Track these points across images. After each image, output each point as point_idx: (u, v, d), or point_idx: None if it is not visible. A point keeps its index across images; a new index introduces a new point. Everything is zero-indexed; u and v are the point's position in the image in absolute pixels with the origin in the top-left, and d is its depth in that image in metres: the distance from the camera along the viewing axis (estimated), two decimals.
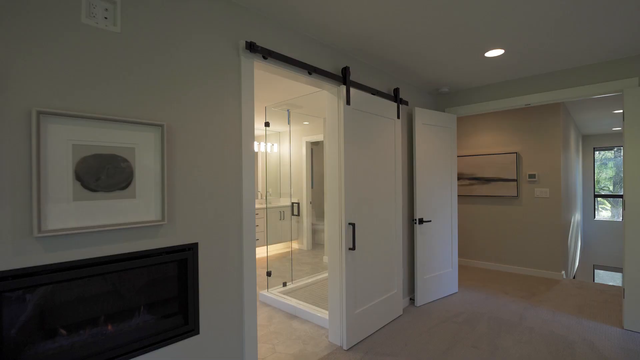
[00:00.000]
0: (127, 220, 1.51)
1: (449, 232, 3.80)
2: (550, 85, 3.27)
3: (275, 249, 6.31)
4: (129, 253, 1.52)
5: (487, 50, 2.75)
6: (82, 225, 1.38)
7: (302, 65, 2.27)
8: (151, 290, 1.59)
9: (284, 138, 6.72)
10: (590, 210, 7.93)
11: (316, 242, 6.78)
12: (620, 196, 7.91)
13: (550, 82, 3.28)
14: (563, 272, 4.36)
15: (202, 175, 1.80)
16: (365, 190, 2.81)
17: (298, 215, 5.85)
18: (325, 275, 4.40)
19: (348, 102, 2.62)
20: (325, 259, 5.31)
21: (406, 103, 3.32)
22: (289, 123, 4.02)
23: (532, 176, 4.53)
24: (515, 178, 4.61)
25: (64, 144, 1.34)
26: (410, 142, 3.59)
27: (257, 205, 6.06)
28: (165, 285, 1.64)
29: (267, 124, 3.64)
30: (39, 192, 1.27)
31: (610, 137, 7.56)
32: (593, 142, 7.82)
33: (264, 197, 6.53)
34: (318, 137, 5.96)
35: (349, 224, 2.61)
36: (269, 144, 6.65)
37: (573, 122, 5.83)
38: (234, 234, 1.94)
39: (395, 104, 3.16)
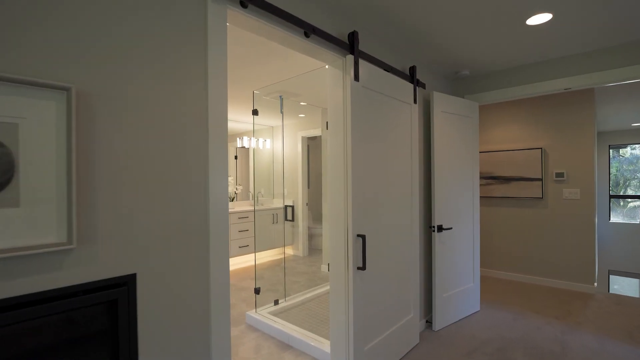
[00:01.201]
0: (2, 246, 0.90)
1: (471, 241, 3.22)
2: (593, 66, 2.71)
3: (267, 255, 5.71)
4: (4, 300, 0.91)
5: (531, 15, 2.17)
6: None
7: (297, 22, 1.68)
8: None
9: (277, 133, 6.12)
10: (604, 212, 7.43)
11: (313, 247, 6.18)
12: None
13: (592, 63, 2.71)
14: (595, 284, 3.81)
15: (143, 168, 1.19)
16: (377, 192, 2.22)
17: (292, 220, 5.24)
18: (324, 289, 3.80)
19: (356, 78, 2.02)
20: (324, 268, 4.71)
21: (423, 86, 2.74)
22: (281, 111, 3.43)
23: (559, 175, 3.97)
24: (540, 177, 4.05)
25: None
26: (427, 133, 3.00)
27: (247, 208, 5.44)
28: (81, 346, 1.04)
29: (255, 112, 3.03)
30: None
31: (628, 134, 7.05)
32: (608, 139, 7.31)
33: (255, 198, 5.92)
34: (315, 132, 5.36)
35: (358, 235, 2.02)
36: (260, 140, 6.04)
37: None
38: (196, 254, 1.33)
39: (412, 85, 2.57)
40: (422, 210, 2.91)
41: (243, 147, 5.90)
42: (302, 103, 4.35)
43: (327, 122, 3.03)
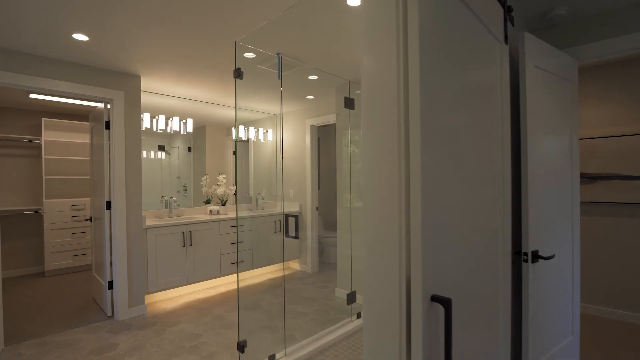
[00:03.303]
0: None
1: (570, 271, 2.10)
2: None
3: (269, 272, 4.66)
4: None
5: None
6: None
7: None
8: None
9: (280, 123, 5.05)
10: None
11: (324, 261, 5.10)
12: None
13: None
14: None
15: None
16: (460, 205, 1.11)
17: (296, 237, 4.16)
18: (342, 332, 2.72)
19: None
20: (340, 293, 3.63)
21: (511, 21, 1.63)
22: (279, 77, 2.38)
23: None
24: None
25: None
26: (514, 98, 1.89)
27: (243, 213, 4.40)
28: None
29: (237, 73, 1.98)
30: None
31: None
32: None
33: (255, 202, 4.87)
34: (328, 119, 4.28)
35: (434, 299, 0.92)
36: (261, 131, 4.98)
37: None
38: None
39: (501, 10, 1.47)
40: (508, 227, 1.80)
41: (241, 140, 4.86)
42: (311, 77, 3.28)
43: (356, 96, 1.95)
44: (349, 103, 2.98)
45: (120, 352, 2.53)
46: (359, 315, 2.93)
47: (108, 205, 3.19)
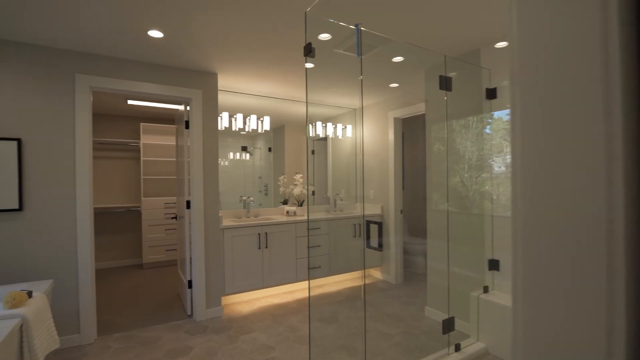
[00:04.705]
0: None
1: None
2: None
3: (347, 279, 4.29)
4: None
5: None
6: None
7: None
8: None
9: (360, 117, 4.66)
10: None
11: (410, 271, 4.53)
12: None
13: None
14: None
15: None
16: None
17: (379, 248, 3.69)
18: None
19: None
20: (431, 313, 3.07)
21: None
22: (359, 53, 1.98)
23: None
24: None
25: None
26: None
27: (321, 215, 4.12)
28: None
29: (308, 49, 1.64)
30: None
31: None
32: None
33: (333, 203, 4.56)
34: (414, 109, 3.74)
35: None
36: (339, 126, 4.66)
37: None
38: None
39: None
40: None
41: (319, 138, 4.61)
42: (396, 59, 2.81)
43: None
44: (446, 83, 2.43)
45: (194, 358, 2.42)
46: (457, 348, 2.36)
47: (188, 204, 3.20)
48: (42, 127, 2.53)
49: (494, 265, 2.58)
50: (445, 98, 2.59)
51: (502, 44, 2.50)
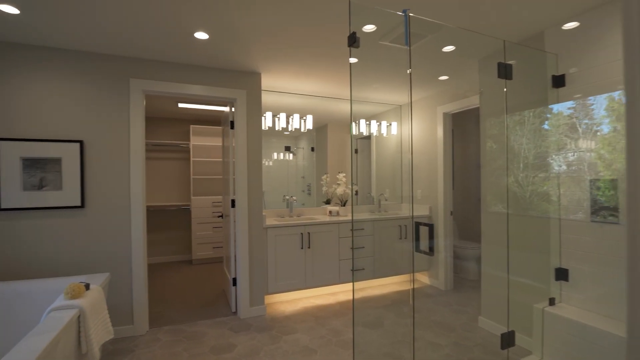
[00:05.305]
0: None
1: None
2: None
3: (392, 283, 4.11)
4: None
5: None
6: None
7: None
8: None
9: (406, 113, 4.45)
10: None
11: (461, 277, 4.25)
12: None
13: None
14: None
15: None
16: None
17: (431, 252, 3.47)
18: None
19: None
20: (485, 324, 2.81)
21: None
22: (406, 42, 1.83)
23: None
24: None
25: None
26: None
27: (365, 216, 3.99)
28: None
29: (352, 39, 1.54)
30: None
31: None
32: None
33: (377, 203, 4.41)
34: (466, 103, 3.48)
35: None
36: (383, 123, 4.50)
37: None
38: None
39: None
40: None
41: (363, 137, 4.48)
42: (446, 48, 2.61)
43: None
44: (505, 71, 2.19)
45: (237, 356, 2.43)
46: None
47: (233, 203, 3.24)
48: (100, 129, 2.70)
49: (562, 274, 2.28)
50: (505, 89, 2.34)
51: (571, 25, 2.20)
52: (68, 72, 2.60)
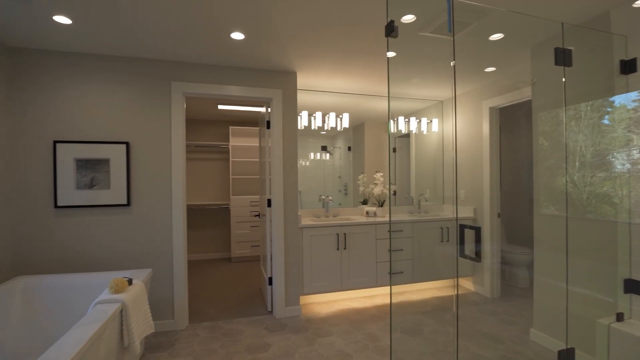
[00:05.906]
0: None
1: None
2: None
3: (432, 288, 3.90)
4: None
5: None
6: None
7: None
8: None
9: (448, 109, 4.23)
10: None
11: (509, 285, 3.94)
12: None
13: None
14: None
15: None
16: None
17: (477, 258, 3.25)
18: None
19: None
20: (537, 337, 2.56)
21: None
22: (450, 29, 1.69)
23: None
24: None
25: None
26: None
27: (404, 217, 3.83)
28: None
29: (390, 29, 1.44)
30: None
31: None
32: None
33: (417, 204, 4.22)
34: (516, 96, 3.21)
35: None
36: (423, 120, 4.31)
37: None
38: None
39: None
40: None
41: (401, 135, 4.32)
42: (494, 37, 2.41)
43: None
44: (564, 57, 1.97)
45: (271, 356, 2.41)
46: None
47: (269, 202, 3.25)
48: (144, 131, 2.81)
49: (633, 287, 2.00)
50: (564, 79, 2.09)
51: None
52: (117, 78, 2.75)
